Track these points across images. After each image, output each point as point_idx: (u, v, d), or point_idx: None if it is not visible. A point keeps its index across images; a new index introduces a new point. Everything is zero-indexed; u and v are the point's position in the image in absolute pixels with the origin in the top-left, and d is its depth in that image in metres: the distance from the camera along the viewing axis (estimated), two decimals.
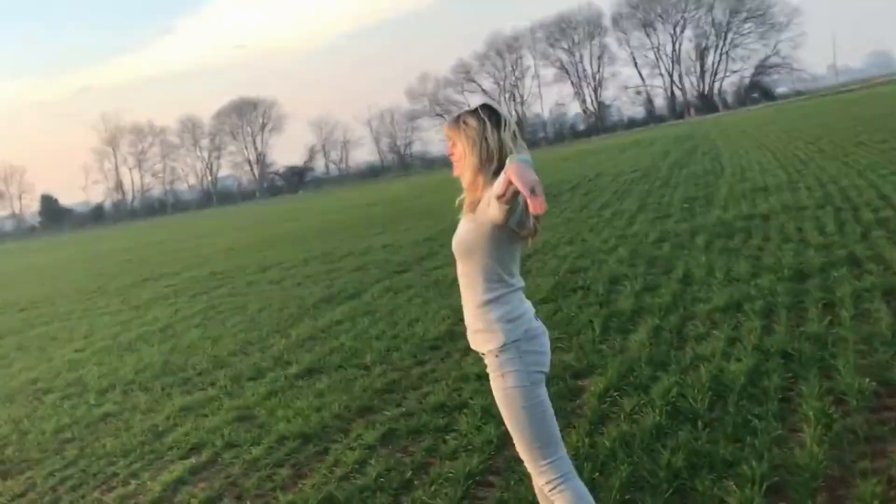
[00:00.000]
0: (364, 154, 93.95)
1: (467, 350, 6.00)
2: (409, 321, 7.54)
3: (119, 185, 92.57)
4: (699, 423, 3.99)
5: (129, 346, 9.06)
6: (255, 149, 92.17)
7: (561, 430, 4.19)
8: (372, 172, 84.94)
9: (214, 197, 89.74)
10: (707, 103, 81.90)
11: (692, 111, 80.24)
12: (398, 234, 15.97)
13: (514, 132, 2.69)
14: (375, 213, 24.47)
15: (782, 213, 9.98)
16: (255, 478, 4.41)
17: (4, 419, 6.59)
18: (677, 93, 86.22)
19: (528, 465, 2.70)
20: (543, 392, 2.67)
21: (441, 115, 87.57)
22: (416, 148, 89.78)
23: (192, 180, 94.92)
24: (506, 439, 3.71)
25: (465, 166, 2.69)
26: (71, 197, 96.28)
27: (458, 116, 2.73)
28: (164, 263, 19.85)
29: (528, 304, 2.76)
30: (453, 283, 9.16)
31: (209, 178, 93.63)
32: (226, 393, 6.23)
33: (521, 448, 2.67)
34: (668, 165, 21.02)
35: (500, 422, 2.93)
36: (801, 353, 4.68)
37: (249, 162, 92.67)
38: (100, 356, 8.71)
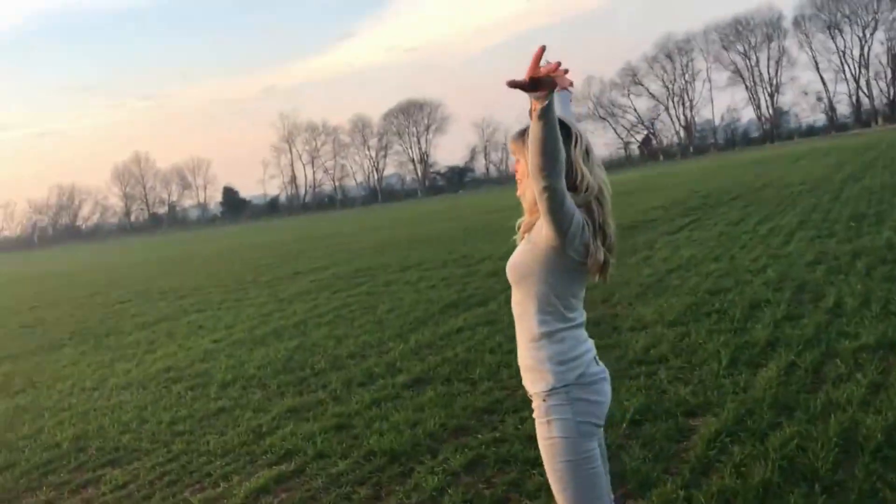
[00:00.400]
0: None
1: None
2: None
3: (293, 180, 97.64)
4: (816, 486, 3.46)
5: (262, 339, 9.33)
6: (420, 148, 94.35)
7: (658, 477, 3.83)
8: None
9: (379, 194, 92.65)
10: None
11: (880, 119, 73.96)
12: None
13: (585, 149, 2.37)
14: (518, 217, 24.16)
15: None
16: (335, 494, 4.29)
17: (132, 405, 6.90)
18: (864, 100, 79.87)
19: None
20: (593, 447, 2.34)
21: (605, 119, 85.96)
22: None
23: (360, 177, 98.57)
24: None
25: (528, 185, 2.39)
26: (250, 189, 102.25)
27: (524, 130, 2.44)
28: (317, 258, 20.55)
29: (590, 344, 2.44)
30: (586, 297, 8.79)
31: (375, 176, 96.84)
32: (333, 398, 6.20)
33: None
34: (841, 178, 19.37)
35: None
36: None
37: (413, 161, 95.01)
38: (233, 348, 9.02)
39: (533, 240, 2.35)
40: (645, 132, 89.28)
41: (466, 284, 11.25)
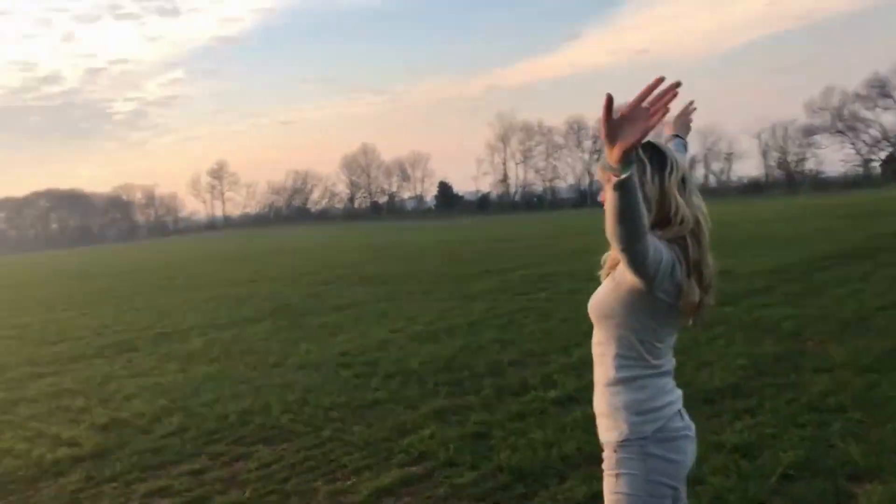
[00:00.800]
0: (748, 168, 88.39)
1: (737, 414, 5.23)
2: (699, 363, 6.77)
3: (505, 179, 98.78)
4: None
5: (434, 335, 9.48)
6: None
7: None
8: (754, 188, 79.55)
9: (589, 198, 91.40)
10: None
11: None
12: (744, 260, 14.61)
13: (682, 178, 2.15)
14: (731, 233, 22.76)
15: None
16: None
17: (301, 386, 7.26)
18: None
19: None
20: None
21: (843, 133, 79.13)
22: (809, 166, 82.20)
23: (571, 180, 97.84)
24: None
25: None
26: (463, 185, 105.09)
27: None
28: (511, 258, 20.64)
29: (676, 395, 2.20)
30: (774, 328, 8.11)
31: (587, 179, 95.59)
32: (482, 404, 6.16)
33: None
34: None
35: None
36: None
37: None
38: (406, 340, 9.25)
39: (618, 279, 2.16)
40: (890, 149, 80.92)
41: None
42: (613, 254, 2.21)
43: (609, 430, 2.19)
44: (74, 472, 5.25)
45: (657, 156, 2.12)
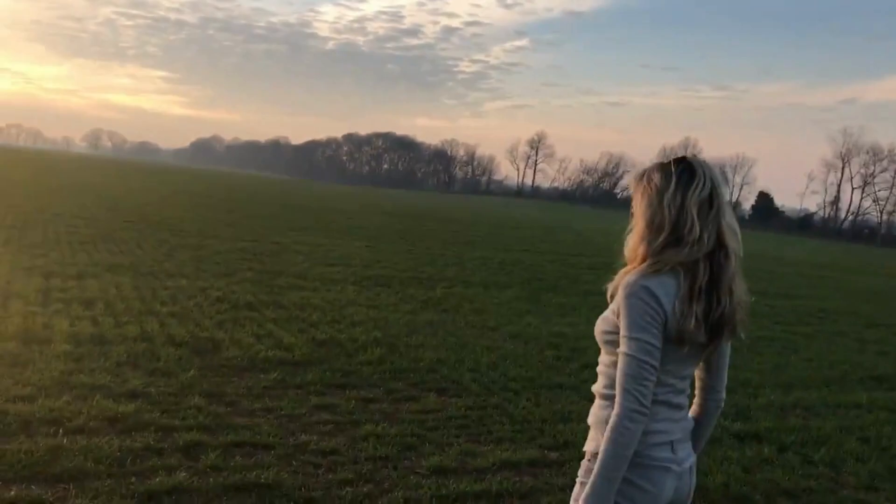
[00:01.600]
0: None
1: None
2: None
3: (835, 202, 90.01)
4: None
5: None
6: None
7: None
8: None
9: None
10: None
11: None
12: None
13: (708, 198, 1.99)
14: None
15: None
16: (559, 499, 4.23)
17: (499, 353, 7.45)
18: None
19: None
20: None
21: None
22: None
23: None
24: None
25: (635, 233, 2.09)
26: (785, 199, 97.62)
27: (646, 170, 2.13)
28: (796, 284, 19.04)
29: (670, 426, 2.06)
30: None
31: None
32: None
33: None
34: None
35: None
36: None
37: None
38: None
39: (612, 315, 2.04)
40: None
41: None
42: (617, 280, 2.09)
43: (589, 440, 2.14)
44: (273, 372, 5.99)
45: (687, 172, 1.99)
